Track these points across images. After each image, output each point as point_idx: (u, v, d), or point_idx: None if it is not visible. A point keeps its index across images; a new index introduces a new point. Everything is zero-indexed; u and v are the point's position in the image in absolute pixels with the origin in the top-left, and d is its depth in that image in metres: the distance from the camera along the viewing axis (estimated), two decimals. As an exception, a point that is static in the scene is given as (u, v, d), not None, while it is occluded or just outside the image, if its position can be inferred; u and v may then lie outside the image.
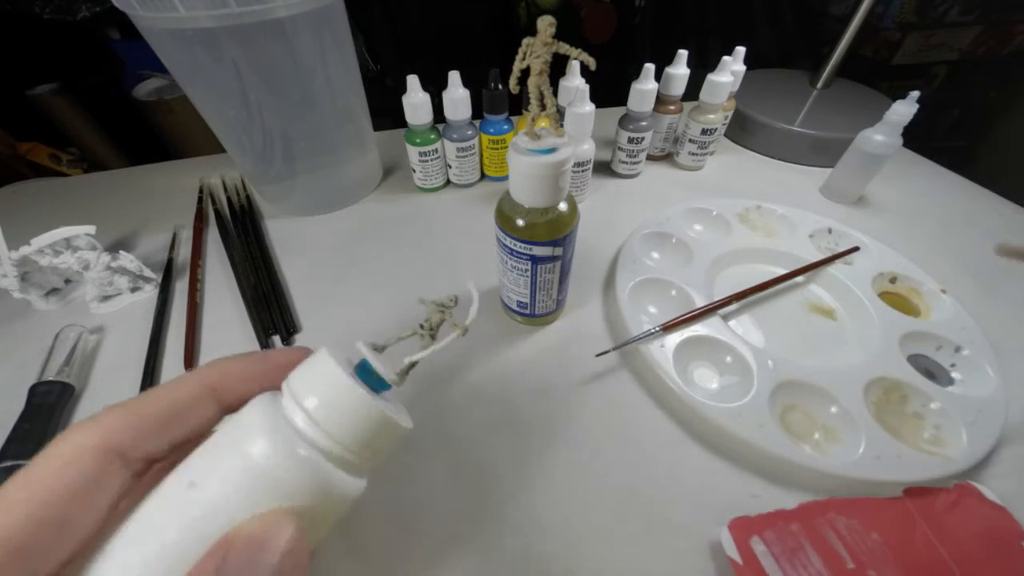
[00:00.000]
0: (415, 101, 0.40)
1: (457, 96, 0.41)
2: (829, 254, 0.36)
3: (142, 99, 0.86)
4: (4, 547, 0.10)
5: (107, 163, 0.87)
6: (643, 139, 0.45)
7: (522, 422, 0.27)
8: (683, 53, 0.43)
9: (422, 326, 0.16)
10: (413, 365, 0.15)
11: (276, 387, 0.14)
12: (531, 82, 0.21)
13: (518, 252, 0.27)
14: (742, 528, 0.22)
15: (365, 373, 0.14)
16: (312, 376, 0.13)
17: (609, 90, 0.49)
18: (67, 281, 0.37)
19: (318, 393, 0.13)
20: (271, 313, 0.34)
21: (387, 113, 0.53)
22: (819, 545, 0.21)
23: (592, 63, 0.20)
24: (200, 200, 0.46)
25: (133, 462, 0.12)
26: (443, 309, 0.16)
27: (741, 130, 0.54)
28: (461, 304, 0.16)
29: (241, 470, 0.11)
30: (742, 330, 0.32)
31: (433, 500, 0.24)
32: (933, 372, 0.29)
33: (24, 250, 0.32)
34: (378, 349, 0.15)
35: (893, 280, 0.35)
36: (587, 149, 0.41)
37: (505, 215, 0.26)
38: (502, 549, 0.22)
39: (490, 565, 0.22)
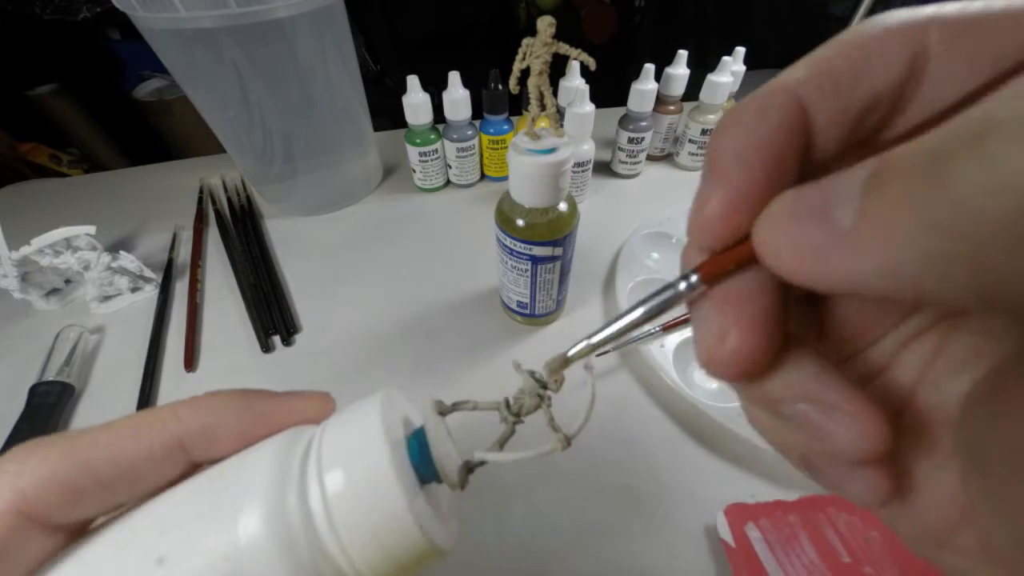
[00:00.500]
0: (415, 101, 0.40)
1: (457, 96, 0.41)
2: (829, 254, 0.36)
3: (142, 99, 0.86)
4: None
5: (107, 163, 0.87)
6: (643, 139, 0.45)
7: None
8: (683, 53, 0.43)
9: (509, 406, 0.12)
10: (480, 465, 0.11)
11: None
12: (531, 82, 0.21)
13: (518, 252, 0.27)
14: (738, 514, 0.22)
15: (419, 449, 0.11)
16: (344, 448, 0.10)
17: (609, 90, 0.49)
18: (67, 281, 0.37)
19: (351, 488, 0.09)
20: (271, 313, 0.34)
21: (387, 113, 0.53)
22: (815, 537, 0.21)
23: (592, 63, 0.20)
24: (200, 200, 0.46)
25: (59, 529, 0.09)
26: (542, 394, 0.12)
27: (741, 130, 0.54)
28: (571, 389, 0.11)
29: (225, 567, 0.09)
30: (742, 330, 0.32)
31: (433, 500, 0.24)
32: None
33: (24, 250, 0.32)
34: (444, 412, 0.12)
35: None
36: (587, 149, 0.41)
37: (505, 215, 0.26)
38: (502, 548, 0.22)
39: (490, 564, 0.22)
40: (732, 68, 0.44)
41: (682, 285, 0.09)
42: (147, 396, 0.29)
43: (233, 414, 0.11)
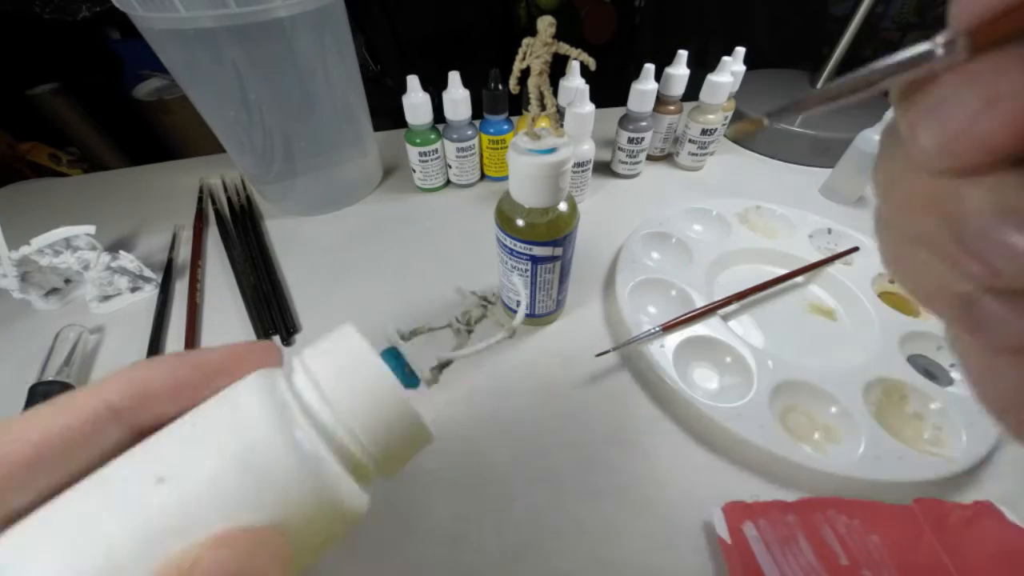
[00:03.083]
0: (415, 101, 0.40)
1: (457, 96, 0.41)
2: (829, 254, 0.36)
3: (142, 99, 0.86)
4: None
5: (107, 163, 0.86)
6: (643, 139, 0.45)
7: (522, 422, 0.27)
8: (683, 53, 0.43)
9: (459, 319, 0.14)
10: (447, 364, 0.13)
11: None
12: (531, 82, 0.21)
13: (518, 252, 0.27)
14: (736, 512, 0.22)
15: (392, 364, 0.12)
16: (332, 353, 0.11)
17: (609, 90, 0.49)
18: (67, 281, 0.36)
19: (338, 372, 0.10)
20: (271, 313, 0.34)
21: (387, 113, 0.53)
22: (813, 538, 0.21)
23: (592, 63, 0.20)
24: (200, 200, 0.46)
25: None
26: (486, 304, 0.14)
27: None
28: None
29: (234, 465, 0.09)
30: (742, 330, 0.32)
31: (433, 500, 0.24)
32: (933, 372, 0.29)
33: (24, 250, 0.32)
34: (404, 338, 0.13)
35: (893, 280, 0.35)
36: (587, 149, 0.41)
37: (505, 215, 0.26)
38: (503, 547, 0.22)
39: (491, 564, 0.22)
40: (732, 68, 0.44)
41: (939, 48, 0.07)
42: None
43: (164, 368, 0.11)
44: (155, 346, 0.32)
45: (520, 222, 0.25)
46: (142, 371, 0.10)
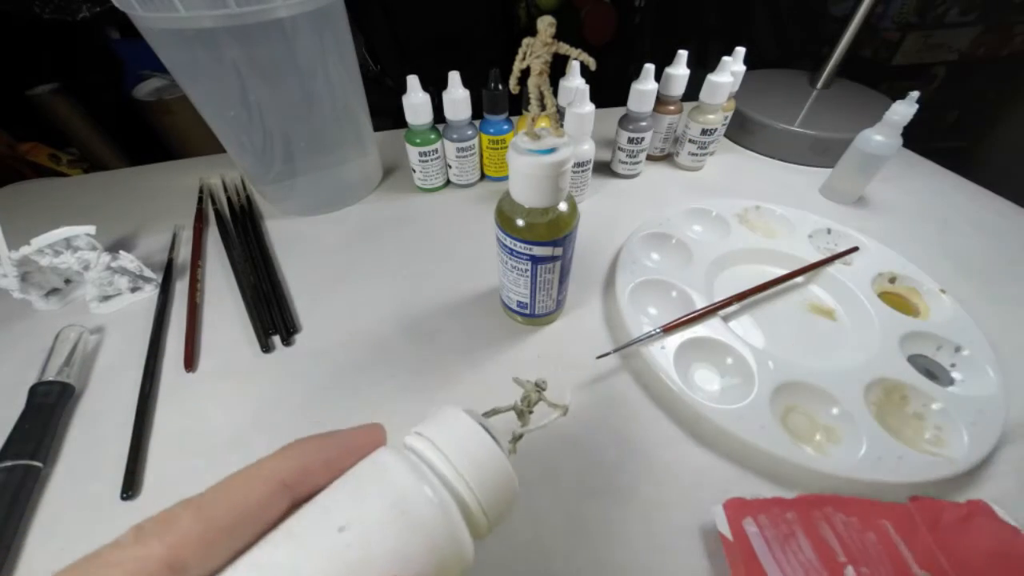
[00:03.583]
0: (415, 101, 0.40)
1: (457, 96, 0.41)
2: (828, 254, 0.36)
3: (142, 99, 0.86)
4: None
5: (107, 163, 0.86)
6: (643, 139, 0.45)
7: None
8: (683, 53, 0.43)
9: (519, 403, 0.17)
10: (521, 436, 0.16)
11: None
12: (531, 82, 0.21)
13: (518, 252, 0.27)
14: (737, 508, 0.22)
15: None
16: (445, 427, 0.13)
17: (609, 90, 0.49)
18: (67, 281, 0.36)
19: (453, 440, 0.13)
20: (271, 313, 0.34)
21: (387, 113, 0.53)
22: (812, 536, 0.21)
23: (592, 63, 0.20)
24: (200, 200, 0.46)
25: None
26: (540, 390, 0.18)
27: (741, 130, 0.54)
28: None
29: (394, 512, 0.11)
30: (742, 331, 0.32)
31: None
32: (934, 372, 0.29)
33: (24, 250, 0.32)
34: (488, 415, 0.16)
35: (892, 280, 0.35)
36: (587, 149, 0.41)
37: (505, 215, 0.26)
38: (503, 547, 0.22)
39: (491, 564, 0.22)
40: (732, 68, 0.44)
41: None
42: (147, 396, 0.29)
43: (318, 449, 0.13)
44: (155, 346, 0.32)
45: (520, 222, 0.25)
46: (301, 450, 0.13)
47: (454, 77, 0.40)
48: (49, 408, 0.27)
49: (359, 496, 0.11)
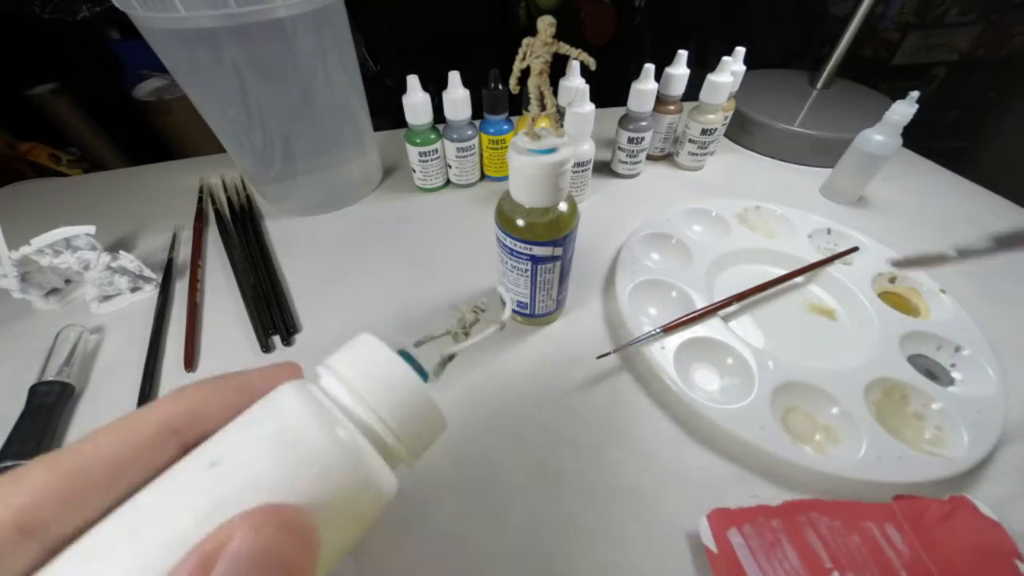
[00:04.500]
0: (415, 101, 0.40)
1: (457, 96, 0.41)
2: (828, 254, 0.36)
3: (142, 99, 0.86)
4: None
5: (107, 163, 0.87)
6: (643, 139, 0.45)
7: (522, 422, 0.27)
8: (683, 53, 0.43)
9: (455, 326, 0.16)
10: (451, 358, 0.15)
11: None
12: (531, 82, 0.21)
13: (518, 252, 0.27)
14: (721, 519, 0.21)
15: (406, 359, 0.14)
16: (355, 355, 0.13)
17: (609, 90, 0.49)
18: (67, 281, 0.36)
19: (362, 370, 0.12)
20: (271, 313, 0.34)
21: (387, 113, 0.53)
22: (798, 542, 0.21)
23: (592, 63, 0.20)
24: (200, 200, 0.46)
25: (55, 537, 0.09)
26: (477, 310, 0.17)
27: (741, 130, 0.54)
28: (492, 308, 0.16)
29: (276, 445, 0.10)
30: (742, 331, 0.32)
31: (434, 500, 0.24)
32: (933, 372, 0.29)
33: (24, 250, 0.32)
34: (417, 345, 0.15)
35: (893, 280, 0.35)
36: (587, 149, 0.41)
37: (505, 215, 0.26)
38: (503, 548, 0.22)
39: (491, 564, 0.22)
40: (732, 68, 0.44)
41: None
42: (147, 396, 0.29)
43: (213, 391, 0.12)
44: (155, 346, 0.32)
45: (520, 222, 0.25)
46: (192, 393, 0.12)
47: (454, 77, 0.40)
48: (49, 408, 0.27)
49: (239, 430, 0.11)
